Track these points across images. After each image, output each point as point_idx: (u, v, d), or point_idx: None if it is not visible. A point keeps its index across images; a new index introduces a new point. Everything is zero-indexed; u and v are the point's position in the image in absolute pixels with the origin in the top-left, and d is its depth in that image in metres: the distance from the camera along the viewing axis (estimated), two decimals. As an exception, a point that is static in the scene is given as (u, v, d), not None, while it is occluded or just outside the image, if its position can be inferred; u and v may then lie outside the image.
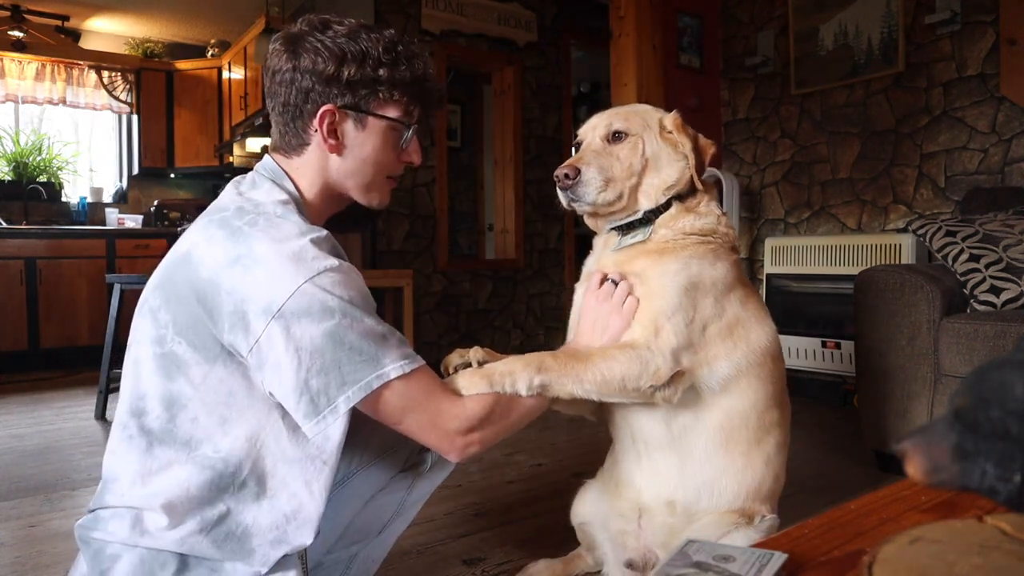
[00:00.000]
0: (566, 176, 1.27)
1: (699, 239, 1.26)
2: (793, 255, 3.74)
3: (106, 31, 5.94)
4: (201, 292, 0.98)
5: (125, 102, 5.88)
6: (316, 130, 1.09)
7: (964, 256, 2.28)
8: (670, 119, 1.32)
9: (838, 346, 3.48)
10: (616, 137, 1.30)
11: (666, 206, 1.29)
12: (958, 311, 2.21)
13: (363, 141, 1.11)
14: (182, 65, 5.97)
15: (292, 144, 1.11)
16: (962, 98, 3.28)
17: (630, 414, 1.32)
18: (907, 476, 0.52)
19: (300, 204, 1.10)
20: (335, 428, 1.01)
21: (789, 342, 3.69)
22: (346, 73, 1.06)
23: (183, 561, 0.99)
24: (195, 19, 5.81)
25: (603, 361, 1.14)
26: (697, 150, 1.30)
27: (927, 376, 2.17)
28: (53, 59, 5.57)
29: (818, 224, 3.88)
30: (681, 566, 0.67)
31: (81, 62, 5.68)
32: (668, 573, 0.65)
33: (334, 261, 0.99)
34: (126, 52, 5.92)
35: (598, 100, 7.22)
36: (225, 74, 5.84)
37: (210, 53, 6.02)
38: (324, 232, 1.04)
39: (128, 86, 5.86)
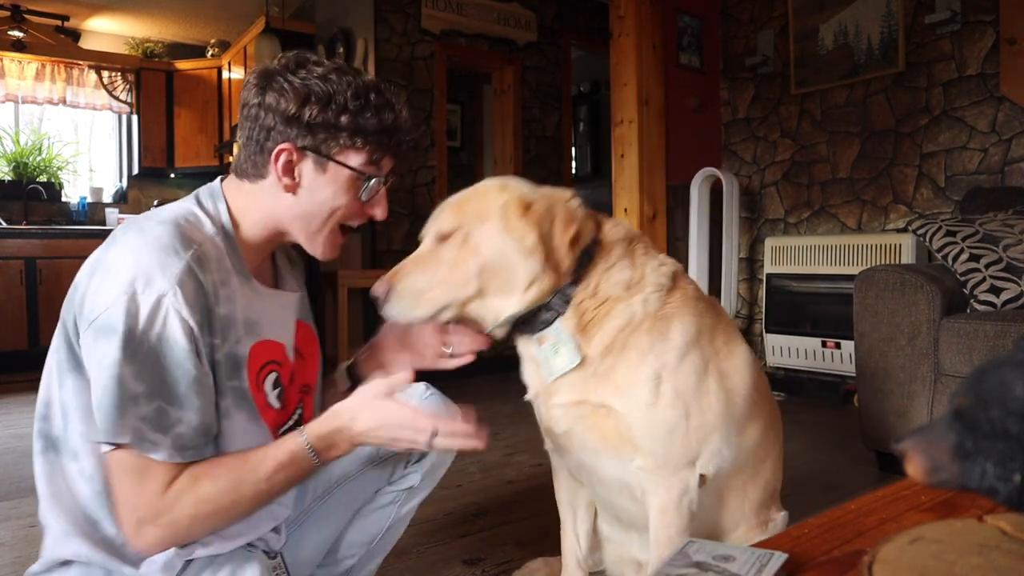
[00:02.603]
0: (379, 296, 1.12)
1: (642, 315, 1.11)
2: (793, 255, 3.74)
3: (106, 31, 5.94)
4: (72, 297, 0.99)
5: (125, 102, 5.88)
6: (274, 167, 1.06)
7: (964, 256, 2.28)
8: (513, 204, 1.09)
9: (838, 346, 3.48)
10: (446, 237, 1.12)
11: (563, 298, 1.11)
12: (958, 311, 2.21)
13: (321, 186, 1.06)
14: (182, 65, 5.97)
15: (250, 172, 1.08)
16: (962, 98, 3.28)
17: (611, 496, 1.26)
18: (907, 476, 0.52)
19: (226, 229, 1.06)
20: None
21: (789, 342, 3.69)
22: (307, 114, 1.02)
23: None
24: (195, 19, 5.81)
25: (664, 533, 1.12)
26: (546, 238, 1.08)
27: (927, 376, 2.17)
28: (53, 59, 5.57)
29: (818, 224, 3.88)
30: (681, 566, 0.67)
31: (81, 62, 5.67)
32: (668, 573, 0.65)
33: (166, 287, 0.93)
34: (126, 52, 5.92)
35: (598, 100, 7.22)
36: (225, 74, 5.84)
37: (210, 53, 6.02)
38: (191, 249, 0.97)
39: (128, 86, 5.86)
